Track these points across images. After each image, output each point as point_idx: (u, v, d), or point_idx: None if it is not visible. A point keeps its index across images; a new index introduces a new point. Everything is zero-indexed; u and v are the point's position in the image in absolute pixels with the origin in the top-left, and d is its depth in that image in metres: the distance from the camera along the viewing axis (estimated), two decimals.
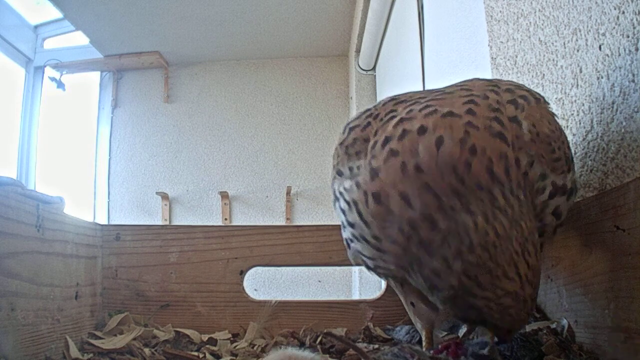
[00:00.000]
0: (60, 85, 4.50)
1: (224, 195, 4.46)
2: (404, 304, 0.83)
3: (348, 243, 0.73)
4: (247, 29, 4.24)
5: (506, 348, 0.76)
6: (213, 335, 1.11)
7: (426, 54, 2.26)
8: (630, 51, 0.75)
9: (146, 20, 4.05)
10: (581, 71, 0.89)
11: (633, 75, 0.74)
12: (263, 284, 4.18)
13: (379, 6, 3.18)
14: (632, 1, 0.74)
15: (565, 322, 0.84)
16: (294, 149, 4.61)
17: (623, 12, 0.76)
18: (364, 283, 3.71)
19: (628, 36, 0.75)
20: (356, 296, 3.91)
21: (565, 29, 0.94)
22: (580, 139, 0.90)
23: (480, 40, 1.42)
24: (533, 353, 0.76)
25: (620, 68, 0.78)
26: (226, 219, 4.47)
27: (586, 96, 0.88)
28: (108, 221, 4.45)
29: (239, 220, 4.50)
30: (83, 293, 1.04)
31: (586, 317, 0.79)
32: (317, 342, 1.04)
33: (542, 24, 1.03)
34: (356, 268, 3.39)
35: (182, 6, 3.86)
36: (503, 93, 0.68)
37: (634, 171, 0.74)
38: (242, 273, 1.19)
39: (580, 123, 0.91)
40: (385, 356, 0.70)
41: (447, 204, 0.58)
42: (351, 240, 0.70)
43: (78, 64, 4.61)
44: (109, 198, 4.61)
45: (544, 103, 0.72)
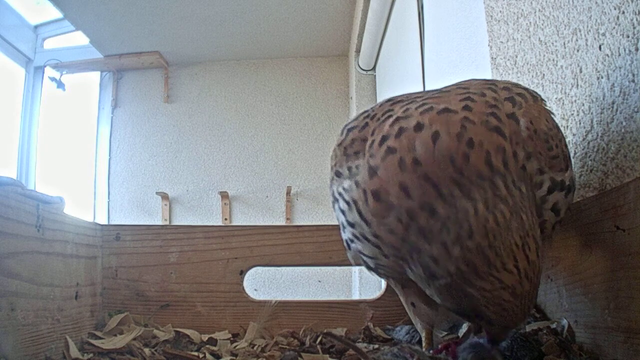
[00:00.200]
0: (60, 85, 4.50)
1: (224, 195, 4.46)
2: (404, 304, 0.83)
3: (348, 244, 0.72)
4: (247, 29, 4.24)
5: (506, 348, 0.76)
6: (213, 335, 1.11)
7: (426, 54, 2.26)
8: (630, 51, 0.75)
9: (146, 20, 4.06)
10: (581, 71, 0.89)
11: (633, 75, 0.74)
12: (263, 284, 4.19)
13: (379, 6, 3.18)
14: (632, 1, 0.74)
15: (565, 322, 0.84)
16: (294, 149, 4.61)
17: (623, 12, 0.76)
18: (364, 283, 3.71)
19: (628, 36, 0.75)
20: (356, 296, 3.91)
21: (565, 29, 0.94)
22: (580, 139, 0.90)
23: (480, 40, 1.42)
24: (533, 353, 0.76)
25: (620, 68, 0.78)
26: (226, 219, 4.47)
27: (586, 96, 0.88)
28: (108, 221, 4.45)
29: (239, 220, 4.50)
30: (83, 293, 1.04)
31: (586, 317, 0.79)
32: (317, 342, 1.04)
33: (542, 24, 1.03)
34: (356, 268, 3.39)
35: (182, 6, 3.86)
36: (500, 91, 0.68)
37: (634, 171, 0.74)
38: (242, 273, 1.19)
39: (580, 123, 0.90)
40: (385, 356, 0.70)
41: (447, 192, 0.58)
42: (351, 240, 0.70)
43: (78, 64, 4.62)
44: (109, 198, 4.61)
45: (542, 101, 0.72)
